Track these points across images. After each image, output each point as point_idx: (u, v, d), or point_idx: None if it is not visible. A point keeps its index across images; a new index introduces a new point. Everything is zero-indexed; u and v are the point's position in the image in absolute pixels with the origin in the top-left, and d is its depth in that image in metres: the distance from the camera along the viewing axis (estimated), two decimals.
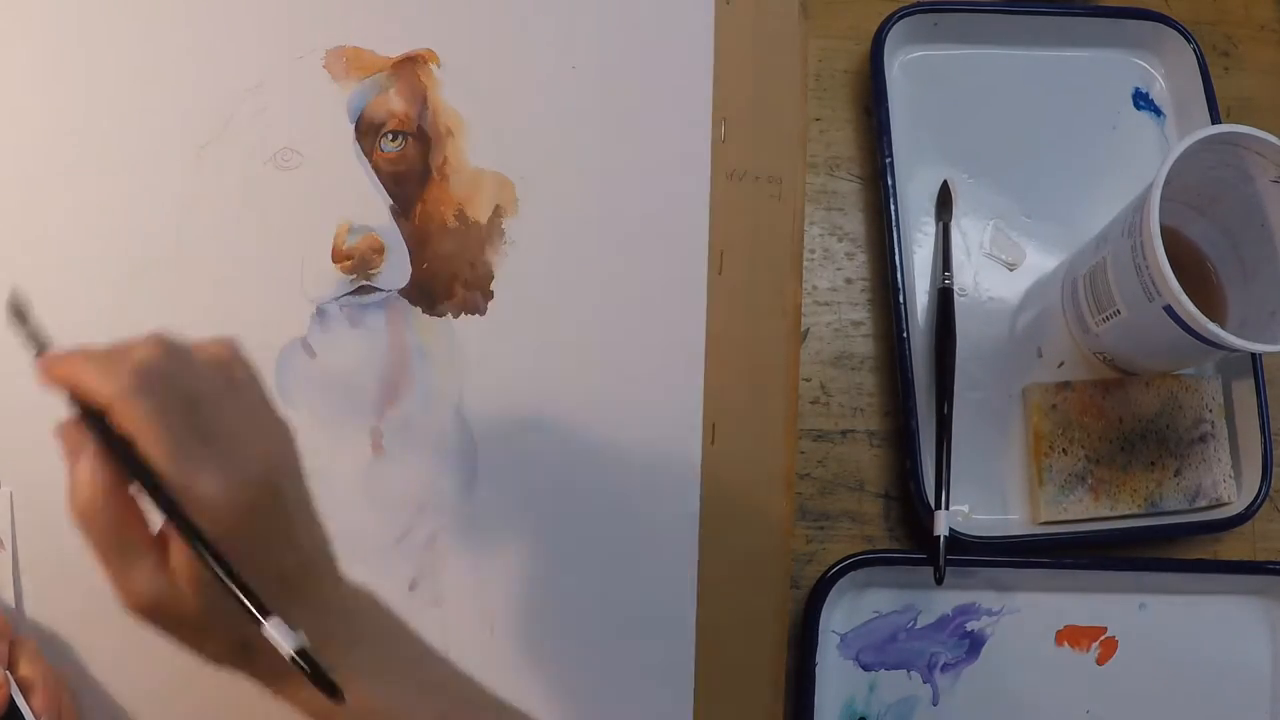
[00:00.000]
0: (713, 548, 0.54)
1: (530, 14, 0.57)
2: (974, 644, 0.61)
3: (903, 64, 0.68)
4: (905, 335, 0.62)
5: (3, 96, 0.55)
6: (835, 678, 0.60)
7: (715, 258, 0.56)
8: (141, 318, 0.53)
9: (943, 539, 0.58)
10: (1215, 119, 0.66)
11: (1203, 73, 0.67)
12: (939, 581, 0.58)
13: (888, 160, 0.64)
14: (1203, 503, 0.62)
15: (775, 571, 0.55)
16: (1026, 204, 0.67)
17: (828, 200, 0.67)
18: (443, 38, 0.57)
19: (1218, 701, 0.62)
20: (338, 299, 0.55)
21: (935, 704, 0.60)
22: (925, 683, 0.61)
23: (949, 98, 0.68)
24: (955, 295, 0.64)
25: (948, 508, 0.59)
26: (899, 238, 0.63)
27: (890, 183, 0.64)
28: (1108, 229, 0.60)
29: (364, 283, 0.55)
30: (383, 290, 0.55)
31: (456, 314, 0.55)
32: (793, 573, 0.59)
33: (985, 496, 0.62)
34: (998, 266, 0.66)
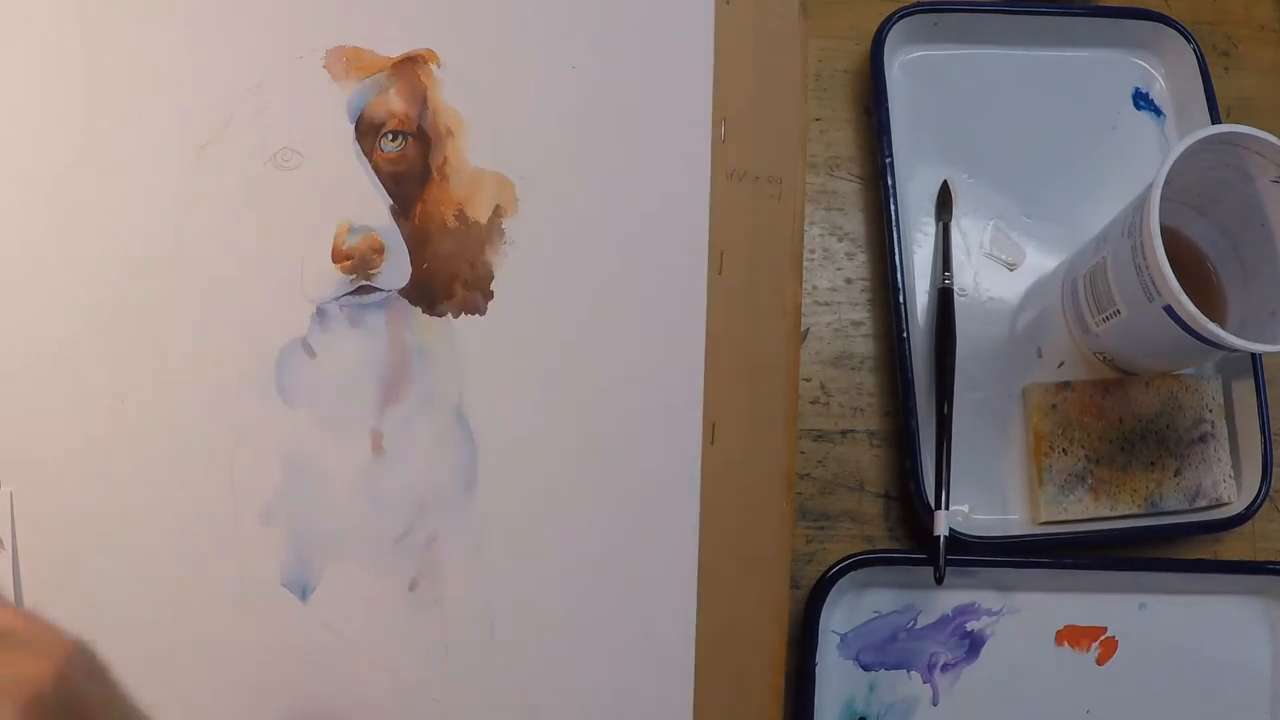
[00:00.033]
0: (713, 548, 0.54)
1: (530, 14, 0.57)
2: (974, 644, 0.61)
3: (903, 64, 0.68)
4: (905, 335, 0.62)
5: (2, 96, 0.55)
6: (835, 678, 0.60)
7: (715, 258, 0.56)
8: (142, 318, 0.54)
9: (943, 539, 0.58)
10: (1215, 119, 0.66)
11: (1203, 73, 0.67)
12: (939, 581, 0.58)
13: (888, 160, 0.64)
14: (1203, 503, 0.62)
15: (775, 571, 0.55)
16: (1026, 204, 0.67)
17: (828, 200, 0.67)
18: (443, 38, 0.57)
19: (1218, 701, 0.62)
20: (338, 299, 0.55)
21: (935, 704, 0.61)
22: (925, 683, 0.61)
23: (949, 98, 0.68)
24: (955, 295, 0.64)
25: (948, 508, 0.59)
26: (899, 238, 0.63)
27: (890, 183, 0.64)
28: (1108, 229, 0.60)
29: (364, 283, 0.55)
30: (383, 290, 0.55)
31: (456, 314, 0.55)
32: (793, 573, 0.59)
33: (985, 496, 0.62)
34: (998, 266, 0.66)
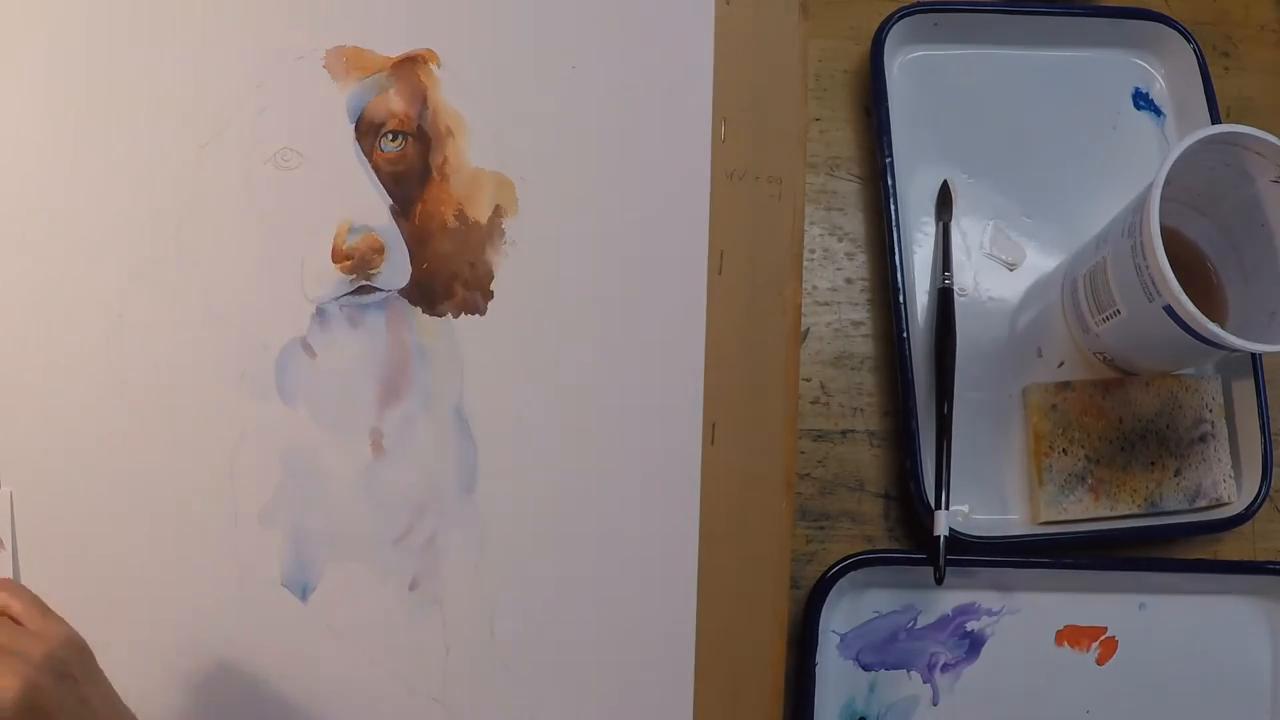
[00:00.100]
0: (713, 548, 0.54)
1: (530, 14, 0.57)
2: (974, 644, 0.61)
3: (903, 64, 0.68)
4: (905, 335, 0.62)
5: (3, 96, 0.55)
6: (835, 678, 0.60)
7: (715, 258, 0.56)
8: (142, 317, 0.54)
9: (943, 539, 0.58)
10: (1215, 119, 0.66)
11: (1203, 73, 0.67)
12: (939, 581, 0.58)
13: (888, 160, 0.64)
14: (1203, 503, 0.62)
15: (775, 571, 0.55)
16: (1026, 204, 0.67)
17: (828, 200, 0.67)
18: (443, 38, 0.57)
19: (1218, 701, 0.62)
20: (338, 299, 0.55)
21: (935, 704, 0.60)
22: (925, 683, 0.61)
23: (949, 98, 0.68)
24: (955, 295, 0.64)
25: (948, 508, 0.59)
26: (899, 238, 0.63)
27: (890, 183, 0.64)
28: (1108, 229, 0.60)
29: (364, 283, 0.55)
30: (383, 290, 0.55)
31: (456, 314, 0.55)
32: (793, 573, 0.59)
33: (985, 496, 0.62)
34: (998, 266, 0.66)
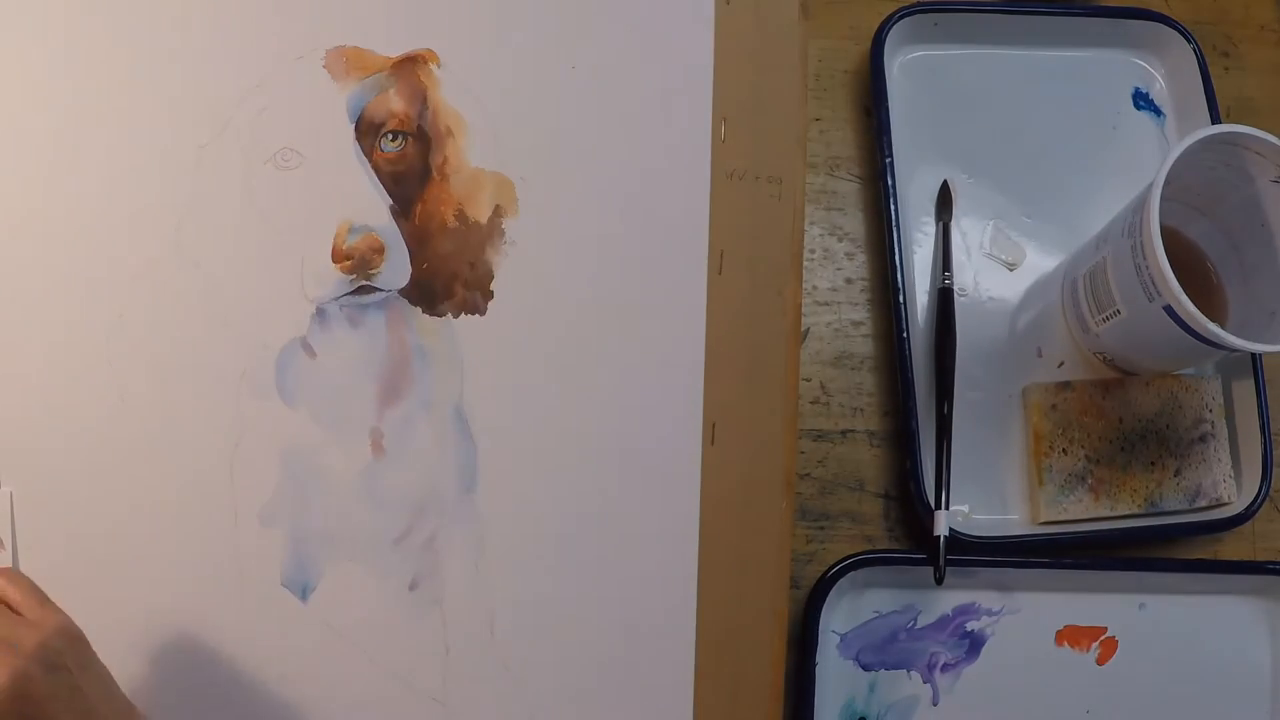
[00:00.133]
0: (713, 548, 0.54)
1: (530, 14, 0.57)
2: (974, 644, 0.61)
3: (903, 64, 0.68)
4: (905, 335, 0.62)
5: (3, 96, 0.55)
6: (835, 678, 0.60)
7: (715, 258, 0.56)
8: (142, 318, 0.54)
9: (943, 539, 0.58)
10: (1215, 119, 0.66)
11: (1203, 73, 0.67)
12: (939, 581, 0.58)
13: (888, 160, 0.64)
14: (1203, 503, 0.62)
15: (775, 571, 0.55)
16: (1026, 204, 0.67)
17: (828, 200, 0.67)
18: (443, 38, 0.57)
19: (1218, 701, 0.62)
20: (338, 299, 0.55)
21: (935, 704, 0.61)
22: (925, 683, 0.61)
23: (949, 98, 0.68)
24: (955, 295, 0.64)
25: (948, 508, 0.59)
26: (899, 238, 0.63)
27: (890, 183, 0.64)
28: (1108, 229, 0.60)
29: (364, 283, 0.55)
30: (383, 290, 0.55)
31: (456, 314, 0.55)
32: (793, 573, 0.59)
33: (985, 496, 0.62)
34: (998, 266, 0.66)
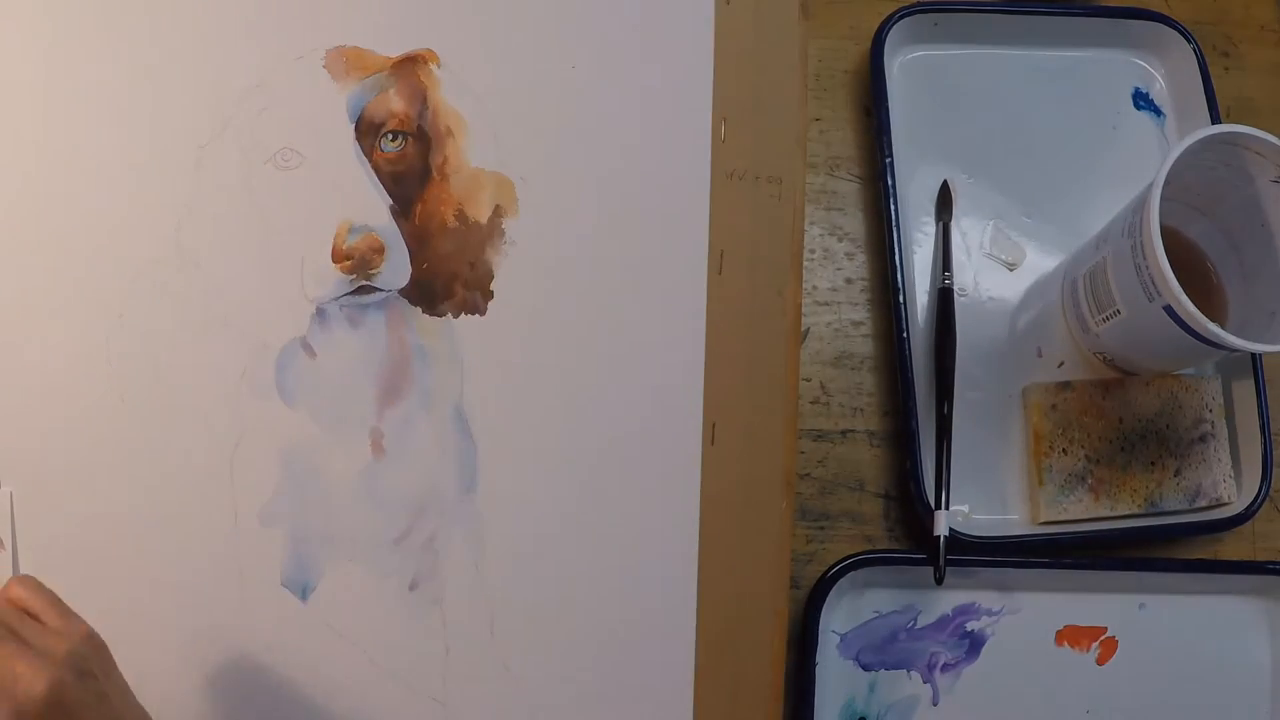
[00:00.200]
0: (713, 548, 0.54)
1: (530, 14, 0.57)
2: (974, 644, 0.61)
3: (903, 64, 0.68)
4: (905, 335, 0.62)
5: (2, 96, 0.55)
6: (835, 678, 0.60)
7: (715, 258, 0.56)
8: (142, 318, 0.54)
9: (943, 539, 0.58)
10: (1215, 119, 0.66)
11: (1203, 73, 0.67)
12: (939, 581, 0.58)
13: (888, 160, 0.64)
14: (1203, 503, 0.62)
15: (775, 571, 0.55)
16: (1026, 204, 0.67)
17: (828, 200, 0.67)
18: (443, 38, 0.57)
19: (1218, 701, 0.62)
20: (338, 299, 0.55)
21: (935, 704, 0.60)
22: (925, 683, 0.61)
23: (949, 98, 0.68)
24: (955, 295, 0.64)
25: (948, 508, 0.59)
26: (899, 238, 0.63)
27: (890, 183, 0.64)
28: (1108, 229, 0.60)
29: (364, 283, 0.55)
30: (383, 290, 0.55)
31: (456, 314, 0.55)
32: (793, 573, 0.59)
33: (985, 496, 0.62)
34: (998, 266, 0.66)
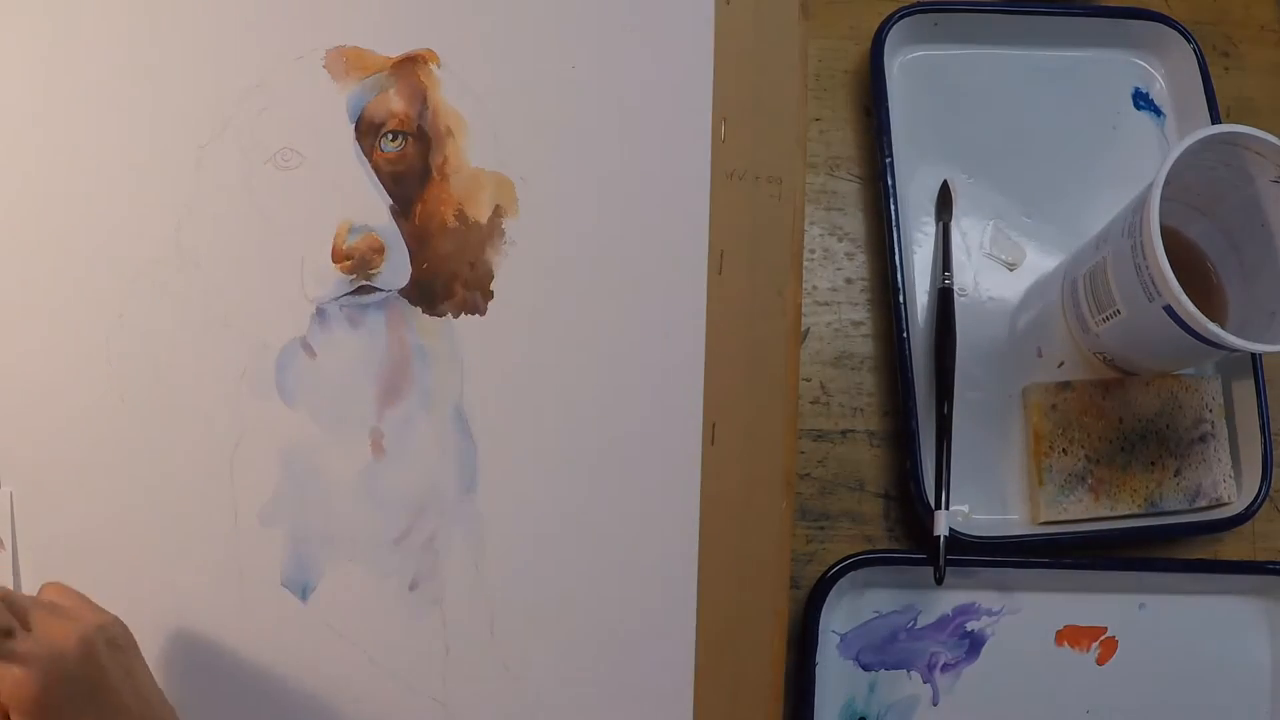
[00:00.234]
0: (713, 548, 0.54)
1: (530, 14, 0.57)
2: (974, 644, 0.61)
3: (903, 64, 0.68)
4: (905, 335, 0.62)
5: (3, 96, 0.55)
6: (835, 678, 0.60)
7: (715, 258, 0.56)
8: (142, 318, 0.54)
9: (943, 539, 0.58)
10: (1215, 119, 0.66)
11: (1203, 73, 0.67)
12: (939, 581, 0.58)
13: (888, 160, 0.64)
14: (1203, 503, 0.62)
15: (775, 571, 0.55)
16: (1026, 204, 0.67)
17: (828, 200, 0.67)
18: (443, 38, 0.57)
19: (1218, 701, 0.62)
20: (338, 299, 0.55)
21: (935, 704, 0.61)
22: (925, 683, 0.61)
23: (949, 98, 0.68)
24: (955, 295, 0.64)
25: (948, 508, 0.59)
26: (899, 238, 0.63)
27: (890, 183, 0.64)
28: (1108, 229, 0.60)
29: (364, 283, 0.55)
30: (383, 290, 0.55)
31: (456, 314, 0.55)
32: (793, 573, 0.59)
33: (985, 496, 0.62)
34: (998, 266, 0.66)
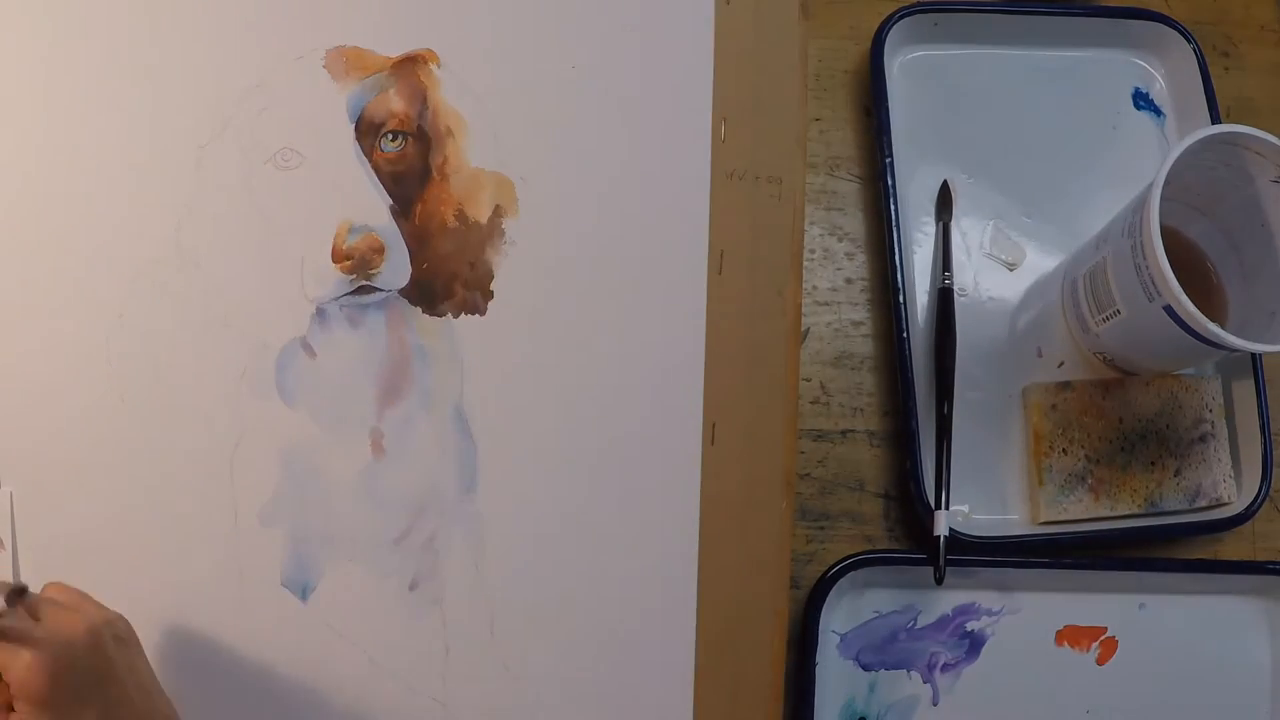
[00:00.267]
0: (713, 548, 0.54)
1: (530, 14, 0.57)
2: (974, 644, 0.61)
3: (903, 64, 0.68)
4: (905, 335, 0.62)
5: (3, 96, 0.55)
6: (835, 678, 0.60)
7: (715, 258, 0.56)
8: (142, 318, 0.54)
9: (943, 539, 0.58)
10: (1215, 119, 0.66)
11: (1203, 73, 0.67)
12: (939, 581, 0.58)
13: (888, 160, 0.64)
14: (1203, 503, 0.62)
15: (775, 571, 0.55)
16: (1026, 204, 0.67)
17: (828, 200, 0.67)
18: (443, 38, 0.57)
19: (1218, 701, 0.62)
20: (338, 299, 0.55)
21: (935, 704, 0.61)
22: (925, 683, 0.61)
23: (949, 98, 0.68)
24: (955, 295, 0.64)
25: (948, 508, 0.59)
26: (899, 238, 0.63)
27: (890, 183, 0.64)
28: (1108, 229, 0.60)
29: (364, 283, 0.55)
30: (383, 290, 0.55)
31: (456, 314, 0.55)
32: (793, 573, 0.59)
33: (985, 496, 0.62)
34: (998, 266, 0.66)
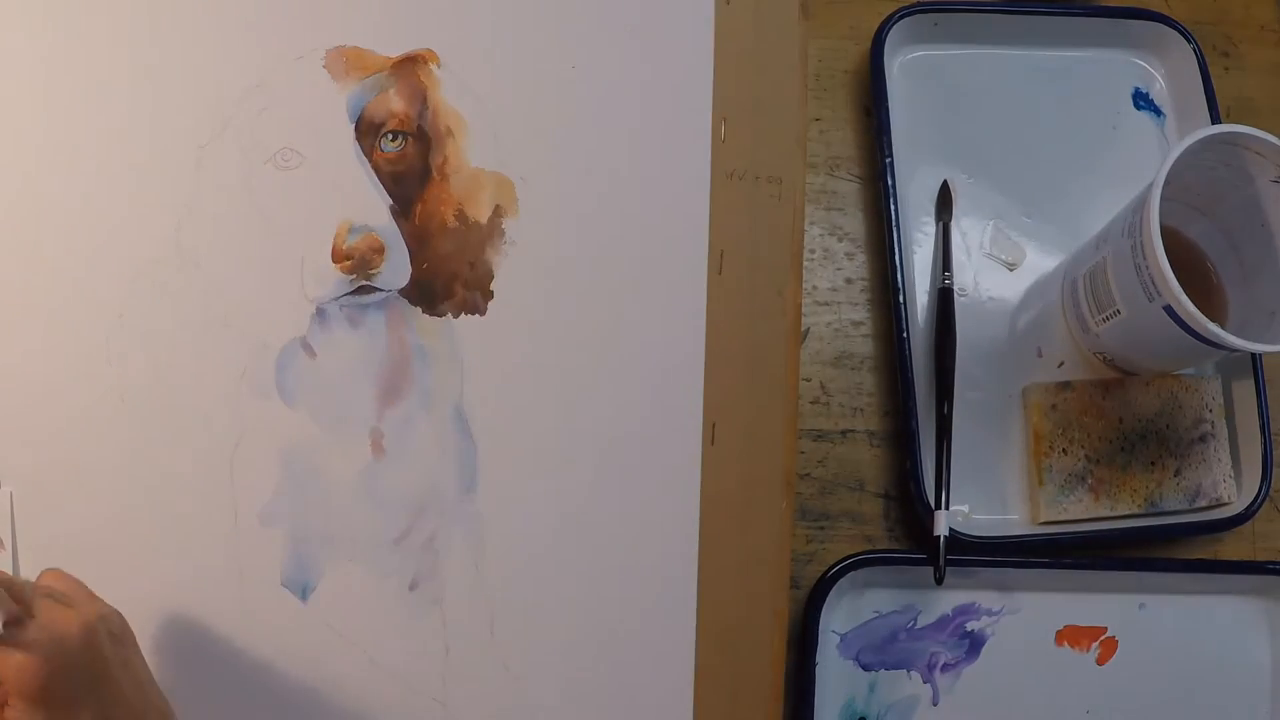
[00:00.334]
0: (713, 548, 0.54)
1: (530, 14, 0.57)
2: (974, 644, 0.61)
3: (903, 64, 0.68)
4: (905, 335, 0.62)
5: (3, 96, 0.55)
6: (835, 678, 0.60)
7: (715, 258, 0.56)
8: (142, 318, 0.54)
9: (943, 539, 0.58)
10: (1215, 119, 0.66)
11: (1203, 73, 0.67)
12: (939, 581, 0.58)
13: (888, 160, 0.64)
14: (1203, 503, 0.62)
15: (775, 571, 0.55)
16: (1026, 204, 0.67)
17: (828, 200, 0.67)
18: (443, 38, 0.57)
19: (1218, 701, 0.62)
20: (338, 299, 0.55)
21: (935, 704, 0.61)
22: (925, 683, 0.61)
23: (949, 98, 0.68)
24: (955, 295, 0.64)
25: (948, 508, 0.59)
26: (899, 238, 0.63)
27: (890, 183, 0.64)
28: (1108, 229, 0.60)
29: (364, 283, 0.55)
30: (383, 290, 0.55)
31: (456, 314, 0.55)
32: (793, 573, 0.59)
33: (985, 496, 0.62)
34: (998, 266, 0.66)
